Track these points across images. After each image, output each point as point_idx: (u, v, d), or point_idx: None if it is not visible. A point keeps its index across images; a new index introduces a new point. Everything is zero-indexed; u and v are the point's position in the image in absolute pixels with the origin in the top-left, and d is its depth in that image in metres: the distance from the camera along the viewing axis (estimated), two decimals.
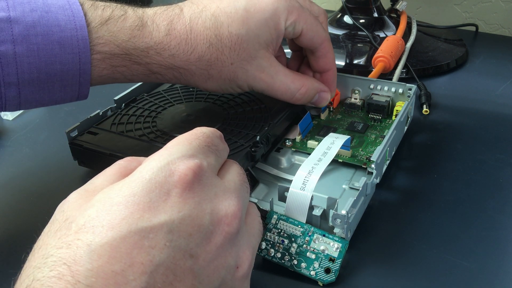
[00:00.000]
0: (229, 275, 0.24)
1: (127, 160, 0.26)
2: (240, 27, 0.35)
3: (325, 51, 0.40)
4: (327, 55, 0.41)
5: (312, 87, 0.40)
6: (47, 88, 0.33)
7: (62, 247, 0.20)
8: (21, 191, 0.40)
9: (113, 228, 0.21)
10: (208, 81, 0.37)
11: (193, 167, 0.23)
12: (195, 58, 0.35)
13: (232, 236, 0.24)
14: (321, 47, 0.40)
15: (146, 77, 0.36)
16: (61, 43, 0.32)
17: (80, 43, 0.32)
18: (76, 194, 0.24)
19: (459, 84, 0.56)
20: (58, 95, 0.34)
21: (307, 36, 0.38)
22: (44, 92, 0.33)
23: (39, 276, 0.19)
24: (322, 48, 0.40)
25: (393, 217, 0.36)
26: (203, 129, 0.27)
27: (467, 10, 0.76)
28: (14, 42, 0.31)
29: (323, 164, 0.33)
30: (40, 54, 0.31)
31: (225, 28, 0.35)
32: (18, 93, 0.32)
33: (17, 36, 0.31)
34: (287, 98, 0.39)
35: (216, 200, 0.24)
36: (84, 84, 0.34)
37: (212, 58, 0.35)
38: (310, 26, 0.38)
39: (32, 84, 0.32)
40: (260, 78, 0.37)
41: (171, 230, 0.22)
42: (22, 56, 0.31)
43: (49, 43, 0.32)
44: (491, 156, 0.42)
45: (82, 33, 0.32)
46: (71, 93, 0.34)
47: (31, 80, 0.32)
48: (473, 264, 0.31)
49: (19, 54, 0.31)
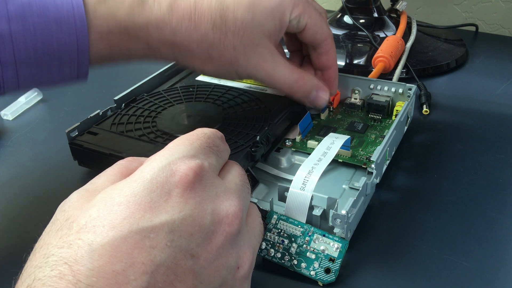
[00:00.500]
0: (230, 275, 0.24)
1: (128, 160, 0.26)
2: (246, 12, 0.35)
3: (327, 48, 0.40)
4: (329, 52, 0.41)
5: (309, 81, 0.40)
6: (45, 67, 0.33)
7: (63, 247, 0.20)
8: (21, 191, 0.40)
9: (114, 228, 0.21)
10: (207, 63, 0.36)
11: (194, 167, 0.23)
12: (197, 36, 0.34)
13: (233, 236, 0.24)
14: (324, 43, 0.40)
15: (145, 55, 0.36)
16: (58, 22, 0.31)
17: (77, 22, 0.32)
18: (77, 194, 0.24)
19: (459, 84, 0.56)
20: (57, 75, 0.33)
21: (311, 31, 0.38)
22: (42, 72, 0.33)
23: (40, 276, 0.19)
24: (324, 45, 0.40)
25: (393, 217, 0.36)
26: (204, 130, 0.27)
27: (467, 10, 0.76)
28: (9, 21, 0.30)
29: (323, 164, 0.33)
30: (37, 33, 0.31)
31: (230, 12, 0.34)
32: (15, 74, 0.32)
33: (12, 15, 0.30)
34: (285, 88, 0.39)
35: (217, 200, 0.24)
36: (82, 63, 0.34)
37: (215, 39, 0.35)
38: (314, 21, 0.38)
39: (29, 64, 0.32)
40: (261, 67, 0.37)
41: (172, 230, 0.22)
42: (18, 35, 0.31)
43: (45, 22, 0.31)
44: (491, 156, 0.42)
45: (79, 12, 0.32)
46: (70, 72, 0.34)
47: (28, 59, 0.32)
48: (473, 264, 0.31)
49: (15, 34, 0.30)
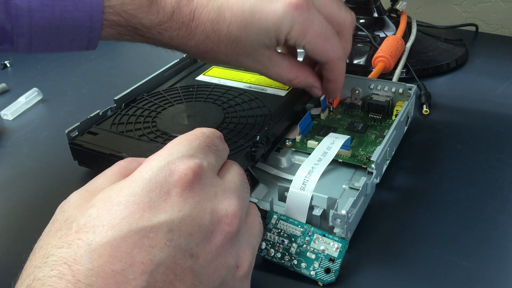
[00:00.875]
0: (229, 275, 0.24)
1: (127, 161, 0.26)
2: (241, 29, 0.35)
3: (331, 67, 0.40)
4: (333, 71, 0.40)
5: (305, 80, 0.40)
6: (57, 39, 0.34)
7: (63, 247, 0.20)
8: (21, 191, 0.40)
9: (114, 228, 0.21)
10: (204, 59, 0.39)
11: (193, 166, 0.23)
12: (191, 44, 0.36)
13: (232, 236, 0.24)
14: (327, 63, 0.39)
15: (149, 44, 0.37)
16: (76, 2, 0.32)
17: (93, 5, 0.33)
18: (76, 194, 0.24)
19: (459, 84, 0.56)
20: (67, 46, 0.35)
21: (309, 52, 0.38)
22: (54, 43, 0.34)
23: (40, 276, 0.20)
24: (327, 64, 0.39)
25: (393, 217, 0.36)
26: (203, 130, 0.27)
27: (467, 10, 0.76)
28: None
29: (323, 164, 0.33)
30: (54, 10, 0.32)
31: (226, 26, 0.35)
32: (29, 42, 0.33)
33: None
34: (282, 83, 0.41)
35: (216, 199, 0.24)
36: (93, 39, 0.35)
37: (207, 48, 0.36)
38: (313, 45, 0.37)
39: (43, 36, 0.33)
40: (254, 67, 0.38)
41: (171, 230, 0.22)
42: (36, 10, 0.31)
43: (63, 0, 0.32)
44: (491, 156, 0.42)
45: None
46: (80, 45, 0.35)
47: (43, 32, 0.33)
48: (473, 264, 0.31)
49: (33, 8, 0.31)
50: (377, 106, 0.44)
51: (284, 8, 0.34)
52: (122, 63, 0.65)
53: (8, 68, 0.64)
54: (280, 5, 0.34)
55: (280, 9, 0.34)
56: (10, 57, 0.67)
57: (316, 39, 0.36)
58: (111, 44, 0.71)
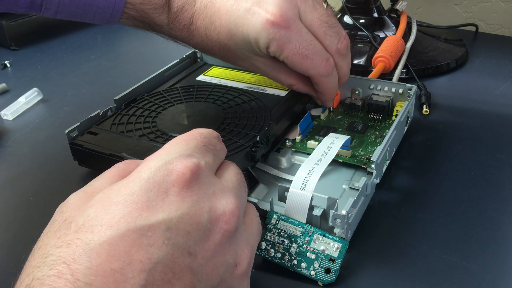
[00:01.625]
0: (228, 273, 0.24)
1: (125, 163, 0.26)
2: (229, 38, 0.36)
3: (315, 82, 0.39)
4: (318, 85, 0.40)
5: (303, 88, 0.41)
6: (79, 18, 0.38)
7: (62, 246, 0.20)
8: (21, 191, 0.40)
9: (112, 227, 0.21)
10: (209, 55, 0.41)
11: (190, 166, 0.24)
12: (193, 43, 0.39)
13: (230, 234, 0.24)
14: (311, 78, 0.39)
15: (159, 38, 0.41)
16: None
17: None
18: (75, 196, 0.24)
19: (459, 84, 0.56)
20: (89, 21, 0.39)
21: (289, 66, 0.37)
22: (77, 18, 0.38)
23: (39, 275, 0.20)
24: (311, 79, 0.39)
25: (393, 217, 0.36)
26: (200, 130, 0.27)
27: (467, 10, 0.76)
28: None
29: (323, 164, 0.33)
30: None
31: (216, 34, 0.37)
32: (54, 15, 0.37)
33: None
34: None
35: (214, 198, 0.24)
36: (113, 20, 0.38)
37: (206, 48, 0.38)
38: (291, 62, 0.36)
39: (67, 14, 0.37)
40: (252, 70, 0.40)
41: (169, 228, 0.22)
42: None
43: None
44: (491, 156, 0.42)
45: None
46: (100, 22, 0.39)
47: (69, 11, 0.37)
48: (473, 265, 0.31)
49: None
50: (377, 106, 0.44)
51: (261, 24, 0.34)
52: (122, 63, 0.65)
53: (8, 68, 0.64)
54: (259, 21, 0.34)
55: (258, 25, 0.34)
56: (10, 57, 0.67)
57: (293, 56, 0.36)
58: (111, 44, 0.71)
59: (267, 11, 0.34)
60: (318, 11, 0.36)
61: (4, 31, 0.69)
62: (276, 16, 0.34)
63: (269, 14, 0.34)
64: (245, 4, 0.35)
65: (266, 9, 0.34)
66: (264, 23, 0.34)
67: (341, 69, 0.39)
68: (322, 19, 0.36)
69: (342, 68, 0.39)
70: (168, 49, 0.67)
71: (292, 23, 0.35)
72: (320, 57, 0.37)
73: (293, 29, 0.35)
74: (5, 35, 0.69)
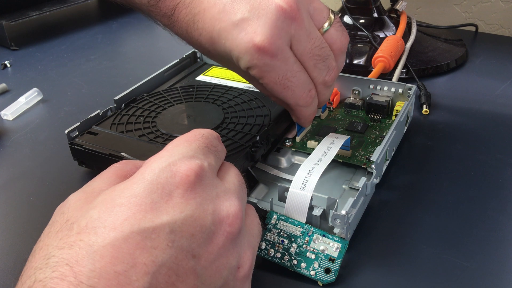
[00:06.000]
0: (231, 276, 0.24)
1: (122, 163, 0.27)
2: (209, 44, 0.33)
3: (290, 110, 0.36)
4: (294, 113, 0.36)
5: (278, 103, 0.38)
6: None
7: (64, 248, 0.20)
8: (21, 191, 0.40)
9: (115, 229, 0.21)
10: None
11: (194, 168, 0.23)
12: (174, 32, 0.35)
13: (233, 236, 0.24)
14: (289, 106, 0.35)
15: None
16: None
17: None
18: (75, 196, 0.24)
19: (459, 84, 0.56)
20: None
21: (270, 91, 0.34)
22: None
23: (41, 277, 0.19)
24: (290, 106, 0.35)
25: (393, 217, 0.36)
26: (201, 131, 0.27)
27: (467, 10, 0.76)
28: None
29: (323, 164, 0.33)
30: None
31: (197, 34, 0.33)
32: None
33: None
34: None
35: (217, 200, 0.24)
36: None
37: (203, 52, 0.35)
38: (270, 89, 0.33)
39: None
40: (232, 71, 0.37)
41: (173, 231, 0.22)
42: None
43: None
44: (491, 156, 0.42)
45: None
46: None
47: None
48: (473, 264, 0.31)
49: None
50: (377, 106, 0.44)
51: (246, 46, 0.30)
52: (122, 63, 0.65)
53: (8, 68, 0.64)
54: (244, 41, 0.30)
55: (243, 45, 0.30)
56: (10, 57, 0.67)
57: (273, 85, 0.32)
58: (111, 44, 0.71)
59: (256, 32, 0.30)
60: (312, 42, 0.32)
61: (4, 31, 0.69)
62: (263, 42, 0.30)
63: (258, 37, 0.30)
64: (233, 17, 0.30)
65: (255, 30, 0.30)
66: (250, 46, 0.30)
67: (322, 96, 0.36)
68: (314, 52, 0.33)
69: (324, 96, 0.36)
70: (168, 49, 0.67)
71: (279, 52, 0.31)
72: (302, 89, 0.33)
73: (279, 58, 0.31)
74: (5, 35, 0.69)
